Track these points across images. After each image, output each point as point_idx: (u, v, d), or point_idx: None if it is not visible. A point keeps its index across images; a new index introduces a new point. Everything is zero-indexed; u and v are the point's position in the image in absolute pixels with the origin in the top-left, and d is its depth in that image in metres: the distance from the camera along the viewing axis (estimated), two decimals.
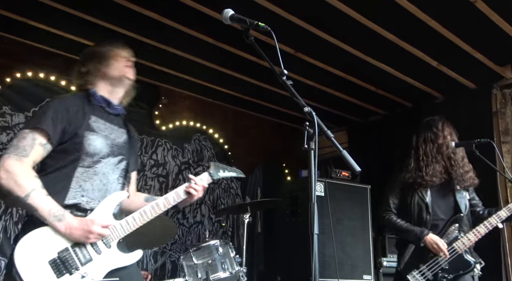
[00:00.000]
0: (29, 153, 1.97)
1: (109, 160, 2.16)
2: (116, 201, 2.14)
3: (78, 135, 2.06)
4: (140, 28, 4.06)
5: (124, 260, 2.10)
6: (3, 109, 4.18)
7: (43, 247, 1.93)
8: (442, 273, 3.03)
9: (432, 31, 3.91)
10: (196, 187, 2.24)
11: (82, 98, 2.21)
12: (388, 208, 3.23)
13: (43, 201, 1.92)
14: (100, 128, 2.16)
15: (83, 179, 2.07)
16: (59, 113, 2.05)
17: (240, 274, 3.51)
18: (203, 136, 5.67)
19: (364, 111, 5.84)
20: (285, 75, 1.79)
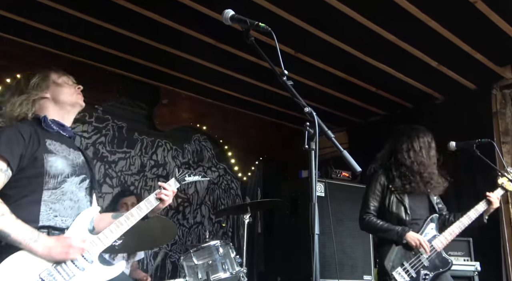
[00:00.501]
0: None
1: (73, 179, 2.15)
2: (89, 216, 2.15)
3: (38, 158, 2.05)
4: (140, 28, 4.06)
5: (108, 274, 2.09)
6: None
7: (23, 272, 1.87)
8: (423, 270, 3.08)
9: (432, 31, 3.91)
10: (167, 193, 2.30)
11: (31, 124, 2.19)
12: (368, 210, 3.27)
13: (15, 225, 1.88)
14: (57, 150, 2.15)
15: (51, 201, 2.05)
16: (13, 139, 2.03)
17: (240, 274, 3.51)
18: (203, 137, 5.67)
19: (364, 111, 5.84)
20: (286, 75, 1.79)
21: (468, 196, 4.56)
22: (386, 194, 3.26)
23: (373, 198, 3.28)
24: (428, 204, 3.30)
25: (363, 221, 3.27)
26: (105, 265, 2.10)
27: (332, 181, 4.81)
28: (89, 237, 2.08)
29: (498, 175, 3.35)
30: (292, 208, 4.83)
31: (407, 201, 3.22)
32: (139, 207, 2.24)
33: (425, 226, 3.20)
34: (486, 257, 4.36)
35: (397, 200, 3.22)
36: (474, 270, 4.13)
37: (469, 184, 4.65)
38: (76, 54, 4.55)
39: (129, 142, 5.01)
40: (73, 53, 4.55)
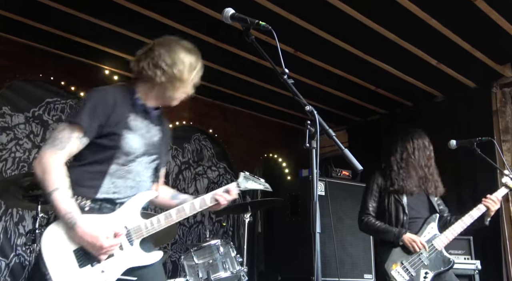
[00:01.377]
0: (65, 146, 2.00)
1: (143, 159, 2.17)
2: (145, 200, 2.17)
3: (116, 133, 2.07)
4: (140, 28, 4.05)
5: (144, 259, 2.11)
6: (3, 109, 4.18)
7: (69, 236, 1.96)
8: (424, 269, 3.08)
9: (432, 30, 3.91)
10: (227, 197, 2.29)
11: (123, 93, 2.18)
12: (367, 211, 3.29)
13: (63, 203, 1.93)
14: (137, 127, 2.15)
15: (116, 176, 2.09)
16: (97, 108, 2.05)
17: (241, 273, 3.51)
18: (203, 136, 5.67)
19: (364, 110, 5.84)
20: (286, 74, 1.78)
21: (469, 195, 4.58)
22: (383, 195, 3.29)
23: (371, 199, 3.30)
24: (428, 204, 3.30)
25: (362, 222, 3.30)
26: (144, 250, 2.12)
27: (333, 180, 4.81)
28: (137, 220, 2.11)
29: (504, 175, 3.34)
30: (292, 207, 4.83)
31: (405, 200, 3.23)
32: (193, 204, 2.23)
33: (425, 225, 3.20)
34: (487, 256, 4.37)
35: (394, 199, 3.24)
36: (475, 268, 4.13)
37: (469, 182, 4.65)
38: (77, 54, 4.55)
39: None
40: (74, 53, 4.54)
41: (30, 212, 4.06)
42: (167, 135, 2.36)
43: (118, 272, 2.02)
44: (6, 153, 4.12)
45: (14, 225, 4.06)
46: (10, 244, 4.00)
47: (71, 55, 4.55)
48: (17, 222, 4.07)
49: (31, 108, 4.33)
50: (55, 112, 4.49)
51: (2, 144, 4.11)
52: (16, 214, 4.09)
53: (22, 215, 4.10)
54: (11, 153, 4.15)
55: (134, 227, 2.09)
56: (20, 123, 4.24)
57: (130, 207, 2.12)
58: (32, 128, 4.31)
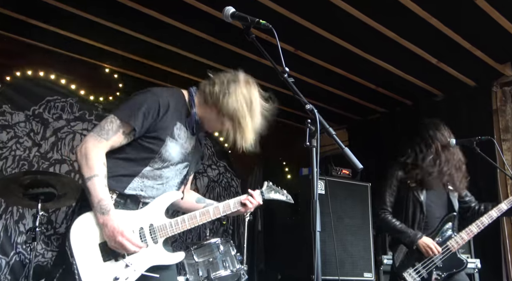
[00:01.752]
0: (110, 137, 2.04)
1: (177, 166, 2.22)
2: (170, 200, 2.20)
3: (160, 139, 2.11)
4: (140, 26, 4.06)
5: (167, 259, 2.14)
6: (3, 107, 4.18)
7: (97, 229, 1.99)
8: (436, 271, 3.06)
9: (432, 28, 3.91)
10: (253, 201, 2.33)
11: (177, 99, 2.20)
12: (384, 206, 3.23)
13: (99, 190, 1.96)
14: (180, 136, 2.19)
15: (147, 177, 2.13)
16: (151, 111, 2.07)
17: (241, 272, 3.53)
18: None
19: (364, 109, 5.84)
20: (287, 72, 1.79)
21: None
22: (402, 190, 3.21)
23: (389, 193, 3.24)
24: (447, 202, 3.23)
25: (379, 218, 3.24)
26: (167, 250, 2.15)
27: (333, 179, 4.81)
28: (162, 219, 2.14)
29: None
30: (292, 206, 4.82)
31: (423, 198, 3.15)
32: (217, 207, 2.26)
33: (441, 225, 3.15)
34: (486, 254, 4.37)
35: (413, 196, 3.17)
36: (475, 267, 4.14)
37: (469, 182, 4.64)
38: (76, 52, 4.55)
39: None
40: (73, 51, 4.54)
41: (30, 210, 4.07)
42: (202, 143, 2.40)
43: (142, 268, 2.04)
44: (6, 151, 4.13)
45: (15, 223, 4.06)
46: (11, 242, 4.00)
47: (71, 53, 4.55)
48: (17, 220, 4.07)
49: (31, 106, 4.33)
50: (55, 110, 4.49)
51: (2, 142, 4.11)
52: (16, 212, 4.09)
53: (22, 213, 4.11)
54: (12, 151, 4.15)
55: (160, 225, 2.12)
56: (20, 121, 4.24)
57: (156, 206, 2.15)
58: (32, 126, 4.32)
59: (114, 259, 1.99)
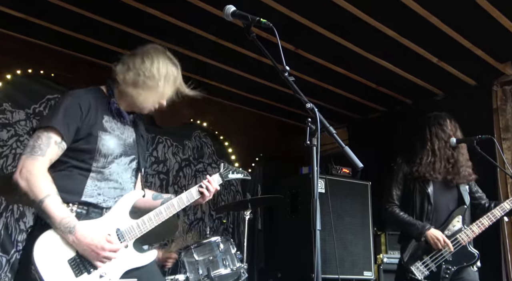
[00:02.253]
0: (45, 152, 1.96)
1: (122, 160, 2.16)
2: (132, 200, 2.16)
3: (92, 135, 2.06)
4: (141, 25, 4.06)
5: (141, 260, 2.11)
6: (4, 106, 4.18)
7: (62, 245, 1.92)
8: (445, 264, 3.02)
9: (433, 27, 3.91)
10: (210, 188, 2.29)
11: (97, 95, 2.18)
12: (391, 199, 3.21)
13: (56, 210, 1.89)
14: (112, 128, 2.15)
15: (97, 179, 2.07)
16: (72, 111, 2.03)
17: (241, 270, 3.52)
18: (203, 133, 5.67)
19: (365, 108, 5.84)
20: (287, 71, 1.79)
21: None
22: (409, 183, 3.20)
23: (396, 187, 3.22)
24: (457, 195, 3.20)
25: (386, 211, 3.21)
26: (139, 251, 2.12)
27: (333, 178, 4.81)
28: (129, 222, 2.10)
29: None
30: (292, 205, 4.83)
31: (430, 189, 3.13)
32: (181, 198, 2.23)
33: (450, 218, 3.12)
34: (486, 253, 4.36)
35: (419, 187, 3.16)
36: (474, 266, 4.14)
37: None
38: (75, 50, 4.55)
39: None
40: (72, 49, 4.54)
41: (30, 208, 4.07)
42: (143, 138, 2.35)
43: (117, 276, 2.01)
44: (7, 150, 4.13)
45: (15, 221, 4.07)
46: (11, 240, 4.01)
47: (72, 51, 4.55)
48: (17, 219, 4.08)
49: (31, 105, 4.33)
50: None
51: (2, 141, 4.12)
52: (17, 211, 4.09)
53: (23, 212, 4.11)
54: (12, 149, 4.15)
55: (127, 228, 2.08)
56: (20, 120, 4.24)
57: (119, 209, 2.10)
58: (33, 124, 4.31)
59: (87, 272, 1.93)
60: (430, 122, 3.29)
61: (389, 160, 3.46)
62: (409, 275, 3.01)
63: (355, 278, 4.53)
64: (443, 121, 3.26)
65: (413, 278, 3.00)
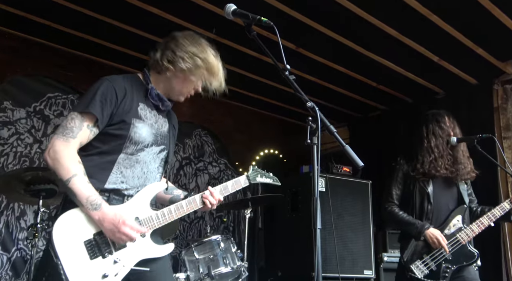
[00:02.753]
0: (76, 135, 1.99)
1: (152, 149, 2.17)
2: (154, 191, 2.16)
3: (126, 122, 2.06)
4: (142, 23, 4.06)
5: (157, 251, 2.11)
6: (4, 104, 4.18)
7: (80, 227, 1.95)
8: (445, 264, 3.03)
9: (434, 26, 3.91)
10: (211, 200, 2.24)
11: (133, 82, 2.18)
12: (390, 199, 3.21)
13: (83, 188, 1.93)
14: (146, 116, 2.15)
15: (124, 166, 2.08)
16: (108, 97, 2.03)
17: (241, 269, 3.53)
18: (204, 132, 5.67)
19: (365, 106, 5.84)
20: (288, 70, 1.78)
21: None
22: (409, 182, 3.19)
23: (395, 187, 3.22)
24: (457, 194, 3.20)
25: (386, 211, 3.21)
26: (156, 242, 2.12)
27: (333, 176, 4.81)
28: (148, 211, 2.10)
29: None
30: (293, 204, 4.83)
31: (430, 188, 3.13)
32: (189, 201, 2.22)
33: (450, 217, 3.12)
34: (486, 252, 4.37)
35: (419, 187, 3.15)
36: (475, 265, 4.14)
37: None
38: (76, 48, 4.55)
39: None
40: (74, 48, 4.55)
41: (31, 206, 4.07)
42: (175, 128, 2.36)
43: (131, 263, 2.02)
44: (7, 148, 4.13)
45: (16, 219, 4.07)
46: (12, 238, 4.02)
47: (72, 50, 4.55)
48: (18, 217, 4.08)
49: (32, 103, 4.34)
50: (57, 107, 4.50)
51: (3, 139, 4.12)
52: (18, 209, 4.10)
53: (24, 210, 4.12)
54: (13, 147, 4.16)
55: (146, 218, 2.09)
56: (21, 118, 4.25)
57: (140, 199, 2.11)
58: (34, 122, 4.32)
59: (102, 256, 1.95)
60: (428, 119, 3.28)
61: (390, 158, 3.45)
62: (409, 274, 3.01)
63: (355, 276, 4.54)
64: (440, 118, 3.25)
65: (413, 277, 3.00)
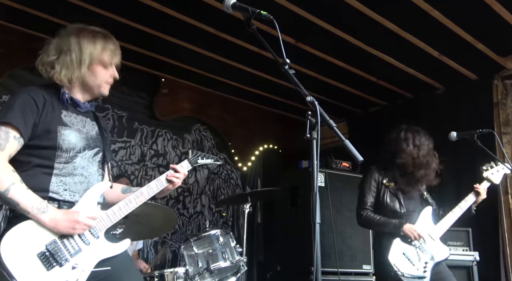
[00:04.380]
0: (4, 147, 1.92)
1: (86, 153, 2.12)
2: (99, 191, 2.13)
3: (51, 130, 2.01)
4: (142, 17, 4.04)
5: (113, 250, 2.09)
6: (3, 98, 4.18)
7: (30, 240, 1.88)
8: (423, 259, 3.13)
9: (434, 21, 3.89)
10: (178, 175, 2.29)
11: (50, 89, 2.14)
12: (365, 206, 3.33)
13: (24, 195, 1.87)
14: (72, 122, 2.11)
15: (63, 175, 2.03)
16: (28, 106, 1.98)
17: (240, 263, 3.53)
18: (203, 127, 5.67)
19: (365, 102, 5.83)
20: (287, 64, 1.78)
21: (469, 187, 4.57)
22: (380, 189, 3.33)
23: (368, 194, 3.34)
24: (420, 198, 3.37)
25: (361, 217, 3.33)
26: (111, 241, 2.10)
27: (333, 171, 4.81)
28: (97, 212, 2.08)
29: (483, 169, 3.37)
30: (292, 198, 4.84)
31: (400, 194, 3.28)
32: (150, 186, 2.21)
33: (420, 217, 3.26)
34: (485, 247, 4.38)
35: (391, 193, 3.29)
36: (473, 259, 4.16)
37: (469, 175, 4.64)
38: None
39: (129, 132, 5.01)
40: None
41: None
42: (106, 130, 2.31)
43: (90, 266, 1.99)
44: None
45: None
46: None
47: None
48: None
49: None
50: None
51: None
52: None
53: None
54: None
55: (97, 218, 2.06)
56: None
57: (86, 201, 2.07)
58: None
59: (58, 265, 1.90)
60: (399, 135, 3.41)
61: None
62: (393, 271, 3.07)
63: (354, 271, 4.55)
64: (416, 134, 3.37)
65: (397, 273, 3.05)
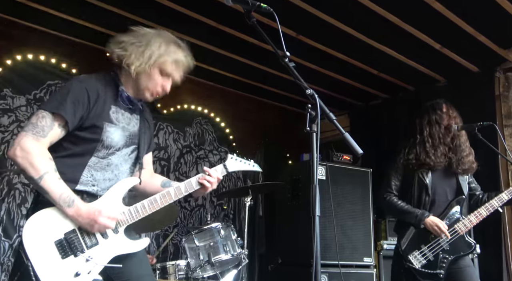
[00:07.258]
0: (47, 134, 1.96)
1: (122, 151, 2.16)
2: (126, 187, 2.15)
3: (97, 126, 2.04)
4: (141, 10, 4.02)
5: (131, 247, 2.10)
6: (4, 91, 4.17)
7: (51, 227, 1.94)
8: (443, 254, 3.04)
9: (436, 13, 3.87)
10: (210, 179, 2.23)
11: (105, 82, 2.15)
12: (389, 189, 3.21)
13: (55, 185, 1.92)
14: (119, 119, 2.13)
15: (95, 169, 2.07)
16: (80, 99, 2.00)
17: (241, 256, 3.55)
18: (204, 120, 5.66)
19: (366, 94, 5.81)
20: (288, 57, 1.77)
21: None
22: (407, 173, 3.19)
23: (394, 177, 3.22)
24: (456, 184, 3.20)
25: (384, 200, 3.22)
26: (130, 238, 2.11)
27: (333, 165, 4.81)
28: (121, 208, 2.09)
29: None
30: (293, 191, 4.84)
31: (429, 180, 3.13)
32: (178, 188, 2.20)
33: (448, 208, 3.12)
34: (486, 240, 4.39)
35: (418, 179, 3.15)
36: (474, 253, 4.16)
37: None
38: (76, 36, 4.52)
39: None
40: (73, 35, 4.51)
41: (32, 193, 4.09)
42: (149, 121, 2.32)
43: (104, 261, 2.01)
44: (8, 135, 4.13)
45: (17, 206, 4.09)
46: (13, 225, 4.04)
47: (72, 37, 4.52)
48: (19, 204, 4.10)
49: (32, 90, 4.32)
50: None
51: (3, 126, 4.12)
52: (19, 196, 4.12)
53: (25, 197, 4.13)
54: (13, 135, 4.15)
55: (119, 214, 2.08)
56: (21, 105, 4.24)
57: (111, 195, 2.09)
58: (34, 110, 4.31)
59: (73, 255, 1.94)
60: (425, 109, 3.28)
61: (390, 147, 3.46)
62: (407, 264, 3.03)
63: (355, 264, 4.56)
64: (438, 106, 3.25)
65: (411, 267, 3.02)
